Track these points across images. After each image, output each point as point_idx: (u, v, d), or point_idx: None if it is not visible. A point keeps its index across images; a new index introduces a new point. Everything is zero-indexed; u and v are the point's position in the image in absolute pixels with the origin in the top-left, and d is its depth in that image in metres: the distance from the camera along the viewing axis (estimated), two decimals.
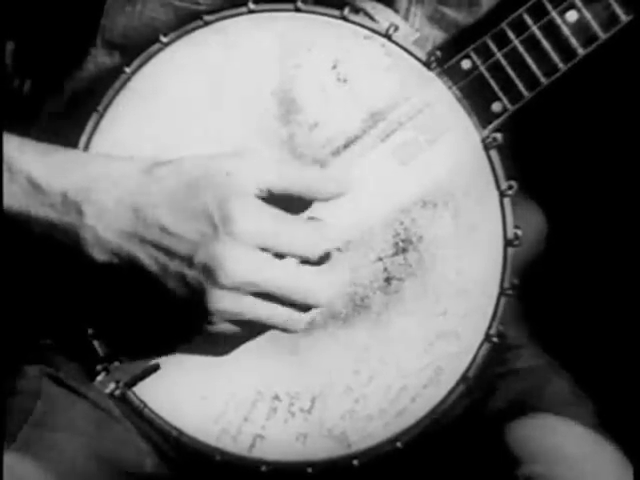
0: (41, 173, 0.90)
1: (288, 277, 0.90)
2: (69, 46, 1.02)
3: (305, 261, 0.91)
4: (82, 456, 0.99)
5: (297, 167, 0.95)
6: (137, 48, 0.96)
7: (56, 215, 0.90)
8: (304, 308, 0.92)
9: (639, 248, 1.31)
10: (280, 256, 0.90)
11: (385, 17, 0.99)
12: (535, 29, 0.95)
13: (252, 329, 0.94)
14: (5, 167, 0.91)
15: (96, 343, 1.00)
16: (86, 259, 0.91)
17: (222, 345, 0.98)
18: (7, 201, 0.91)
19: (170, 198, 0.89)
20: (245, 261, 0.88)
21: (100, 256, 0.91)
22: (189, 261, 0.88)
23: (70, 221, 0.90)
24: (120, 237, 0.89)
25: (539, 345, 1.18)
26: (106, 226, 0.89)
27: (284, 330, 0.93)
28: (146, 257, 0.89)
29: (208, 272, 0.88)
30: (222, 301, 0.89)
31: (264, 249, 0.89)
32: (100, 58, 1.02)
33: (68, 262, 0.95)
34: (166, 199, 0.89)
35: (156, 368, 0.99)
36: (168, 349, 0.99)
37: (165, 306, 0.92)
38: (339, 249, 0.96)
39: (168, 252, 0.89)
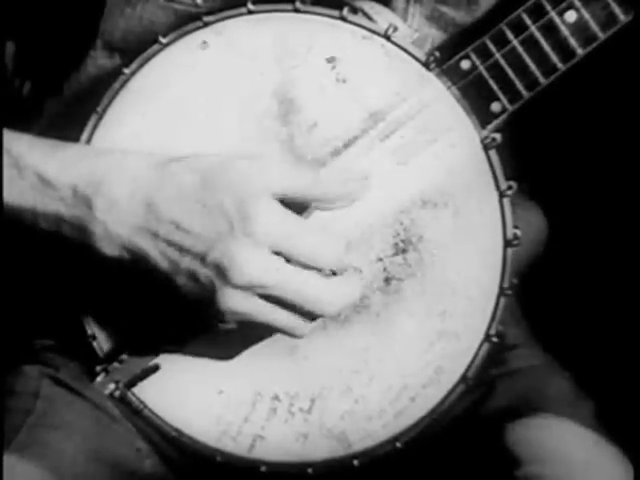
0: (51, 168, 0.90)
1: (300, 284, 0.89)
2: (69, 48, 1.02)
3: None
4: (81, 456, 0.99)
5: (313, 171, 0.94)
6: (136, 50, 0.96)
7: (66, 209, 0.89)
8: (311, 316, 0.91)
9: (639, 247, 1.31)
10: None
11: (383, 17, 0.99)
12: (534, 29, 0.95)
13: (257, 332, 0.94)
14: (13, 164, 0.90)
15: (95, 344, 1.00)
16: (95, 254, 0.90)
17: (226, 348, 0.98)
18: (15, 198, 0.90)
19: (185, 194, 0.88)
20: (260, 262, 0.87)
21: (109, 251, 0.90)
22: (202, 258, 0.88)
23: (80, 214, 0.89)
24: (130, 231, 0.89)
25: (539, 345, 1.18)
26: (116, 220, 0.89)
27: (289, 335, 0.93)
28: (157, 253, 0.89)
29: (222, 270, 0.87)
30: (232, 300, 0.88)
31: (279, 253, 0.88)
32: (100, 60, 1.02)
33: (75, 259, 0.95)
34: (181, 195, 0.88)
35: (156, 369, 0.99)
36: (173, 347, 0.99)
37: (173, 303, 0.92)
38: (359, 270, 0.97)
39: (181, 248, 0.88)
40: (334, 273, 0.92)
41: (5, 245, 1.01)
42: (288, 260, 0.89)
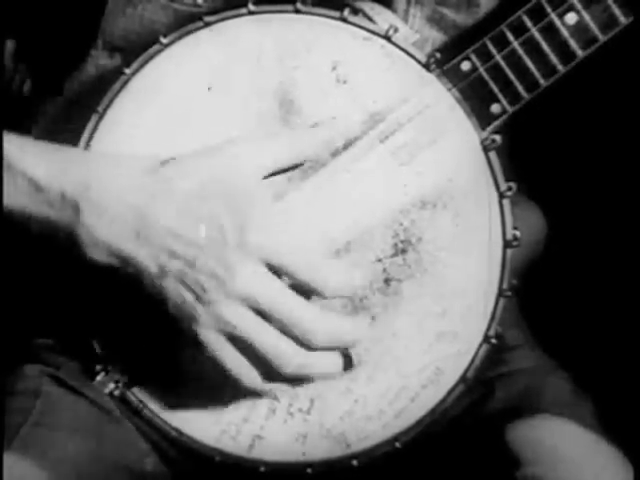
0: (41, 172, 0.90)
1: (291, 305, 0.90)
2: (69, 47, 1.03)
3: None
4: (82, 456, 0.99)
5: (291, 135, 0.95)
6: (137, 50, 0.96)
7: (55, 213, 0.89)
8: (297, 343, 0.91)
9: (639, 247, 1.31)
10: None
11: (384, 18, 0.99)
12: (534, 31, 0.95)
13: (237, 352, 0.92)
14: (5, 167, 0.90)
15: (95, 343, 1.00)
16: (83, 259, 0.90)
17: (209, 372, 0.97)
18: (7, 201, 0.90)
19: (176, 200, 0.88)
20: (253, 274, 0.88)
21: (97, 256, 0.90)
22: (191, 264, 0.88)
23: (67, 219, 0.89)
24: (117, 237, 0.89)
25: (538, 345, 1.18)
26: (103, 225, 0.88)
27: (273, 365, 0.91)
28: (145, 257, 0.89)
29: (214, 277, 0.87)
30: (220, 308, 0.88)
31: (271, 268, 0.89)
32: (100, 60, 1.03)
33: (67, 262, 0.95)
34: (172, 201, 0.88)
35: (155, 368, 1.00)
36: (161, 354, 0.99)
37: (160, 309, 0.91)
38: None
39: (171, 254, 0.88)
40: None
41: (5, 245, 1.01)
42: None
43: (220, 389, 0.99)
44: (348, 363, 0.96)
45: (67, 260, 0.94)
